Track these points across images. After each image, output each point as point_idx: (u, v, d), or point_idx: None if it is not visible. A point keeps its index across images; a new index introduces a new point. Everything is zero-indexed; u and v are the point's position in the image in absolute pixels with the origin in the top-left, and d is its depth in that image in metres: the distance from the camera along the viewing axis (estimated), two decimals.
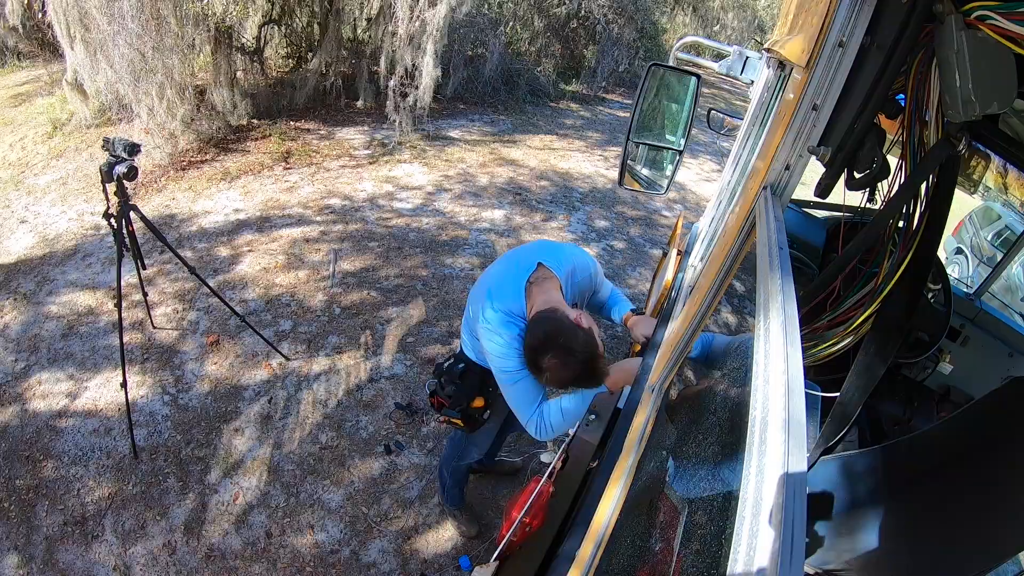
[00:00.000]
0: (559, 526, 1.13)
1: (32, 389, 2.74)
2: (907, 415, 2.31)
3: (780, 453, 0.45)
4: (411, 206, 4.68)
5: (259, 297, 3.43)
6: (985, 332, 2.47)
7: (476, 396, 1.71)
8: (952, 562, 1.05)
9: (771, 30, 9.09)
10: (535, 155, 6.10)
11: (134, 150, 2.18)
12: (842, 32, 0.73)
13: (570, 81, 8.69)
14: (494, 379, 1.67)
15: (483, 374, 1.69)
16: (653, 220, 5.20)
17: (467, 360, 1.72)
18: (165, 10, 4.35)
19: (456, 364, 1.73)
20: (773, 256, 0.68)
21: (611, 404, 1.34)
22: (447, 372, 1.74)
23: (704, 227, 1.98)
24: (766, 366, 0.54)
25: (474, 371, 1.70)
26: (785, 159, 0.84)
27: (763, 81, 1.43)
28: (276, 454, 2.54)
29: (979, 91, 0.60)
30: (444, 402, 1.74)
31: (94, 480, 2.37)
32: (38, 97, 6.02)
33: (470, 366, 1.71)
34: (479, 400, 1.72)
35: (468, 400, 1.71)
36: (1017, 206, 6.06)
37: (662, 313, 1.70)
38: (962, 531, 1.02)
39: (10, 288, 3.37)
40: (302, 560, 2.17)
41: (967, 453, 1.09)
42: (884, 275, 1.00)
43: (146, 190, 4.44)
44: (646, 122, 1.98)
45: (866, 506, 1.18)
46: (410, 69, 5.48)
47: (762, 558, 0.40)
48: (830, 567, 1.19)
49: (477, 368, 1.69)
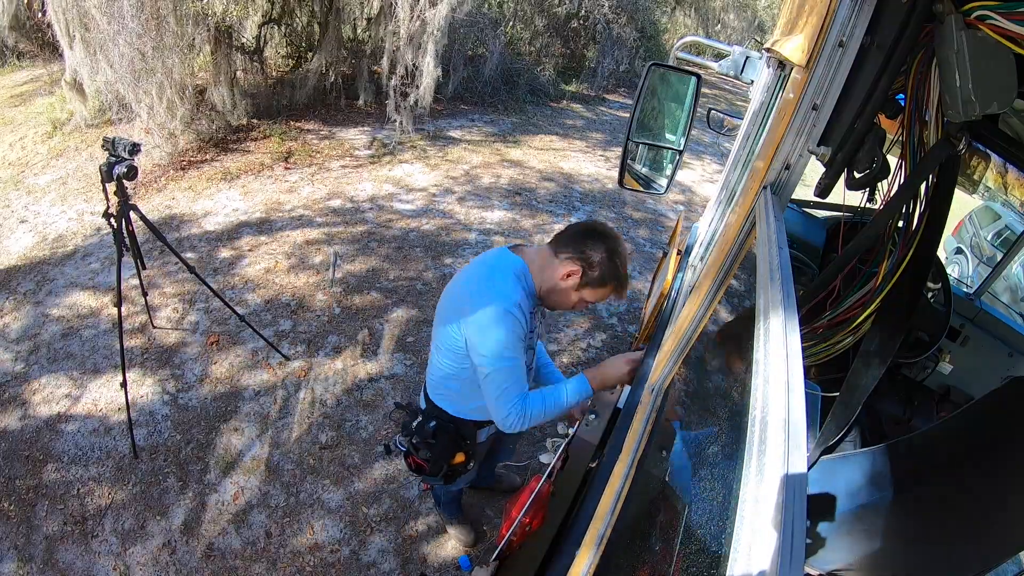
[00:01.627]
0: (559, 526, 1.13)
1: (32, 389, 2.74)
2: (907, 415, 2.31)
3: (780, 453, 0.45)
4: (412, 206, 4.68)
5: (259, 297, 3.43)
6: (985, 332, 2.47)
7: (456, 452, 1.59)
8: (952, 562, 1.05)
9: (771, 30, 9.07)
10: (536, 155, 6.10)
11: (134, 150, 2.17)
12: (842, 32, 0.73)
13: (570, 81, 8.69)
14: (468, 428, 1.57)
15: (456, 426, 1.57)
16: (660, 222, 5.18)
17: (436, 411, 1.57)
18: (165, 9, 4.35)
19: (426, 422, 1.57)
20: (773, 256, 0.68)
21: (611, 404, 1.34)
22: (417, 432, 1.58)
23: (704, 227, 1.98)
24: (766, 366, 0.54)
25: (446, 427, 1.56)
26: (785, 159, 0.84)
27: (763, 81, 1.43)
28: (276, 454, 2.54)
29: (979, 91, 0.60)
30: (422, 464, 1.60)
31: (94, 480, 2.37)
32: (38, 97, 6.03)
33: (440, 421, 1.56)
34: (460, 456, 1.60)
35: (448, 458, 1.59)
36: (1017, 206, 6.07)
37: (661, 315, 1.70)
38: (962, 531, 1.02)
39: (10, 288, 3.37)
40: (302, 560, 2.17)
41: (967, 453, 1.09)
42: (884, 275, 1.00)
43: (146, 190, 4.44)
44: (646, 122, 1.98)
45: (866, 506, 1.18)
46: (411, 69, 5.48)
47: (762, 558, 0.40)
48: (829, 567, 1.19)
49: (447, 418, 1.56)
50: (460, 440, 1.58)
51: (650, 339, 1.64)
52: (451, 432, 1.56)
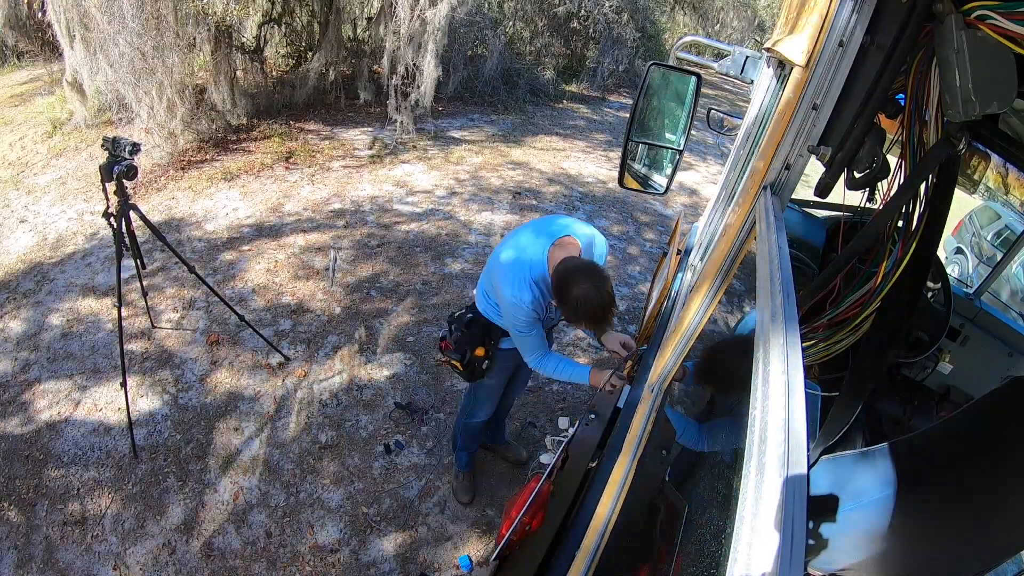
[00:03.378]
0: (559, 526, 1.13)
1: (31, 389, 2.74)
2: (907, 415, 2.31)
3: (780, 453, 0.45)
4: (412, 206, 4.68)
5: (259, 296, 3.43)
6: (985, 332, 2.47)
7: (479, 345, 1.88)
8: (952, 562, 1.05)
9: (771, 30, 9.06)
10: (537, 155, 6.10)
11: (134, 149, 2.17)
12: (842, 32, 0.73)
13: (570, 81, 8.68)
14: (496, 333, 1.90)
15: (488, 326, 1.88)
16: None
17: (476, 312, 1.90)
18: (165, 9, 4.35)
19: (466, 314, 1.92)
20: (773, 256, 0.68)
21: (611, 404, 1.34)
22: (457, 320, 1.93)
23: (704, 227, 1.98)
24: (766, 366, 0.54)
25: (480, 322, 1.88)
26: (785, 159, 0.84)
27: (763, 81, 1.43)
28: (276, 453, 2.54)
29: (979, 91, 0.60)
30: (450, 345, 1.91)
31: (94, 480, 2.37)
32: (38, 96, 6.03)
33: (478, 317, 1.89)
34: (480, 349, 1.89)
35: (471, 347, 1.88)
36: (1017, 206, 6.07)
37: (660, 316, 1.70)
38: (962, 531, 1.02)
39: (10, 287, 3.37)
40: (302, 560, 2.17)
41: (967, 453, 1.09)
42: (884, 274, 1.00)
43: (146, 190, 4.44)
44: (646, 122, 1.98)
45: (865, 506, 1.18)
46: (411, 68, 5.48)
47: (762, 558, 0.40)
48: (829, 568, 1.19)
49: (483, 320, 1.88)
50: (486, 336, 1.89)
51: (650, 339, 1.64)
52: (481, 326, 1.88)
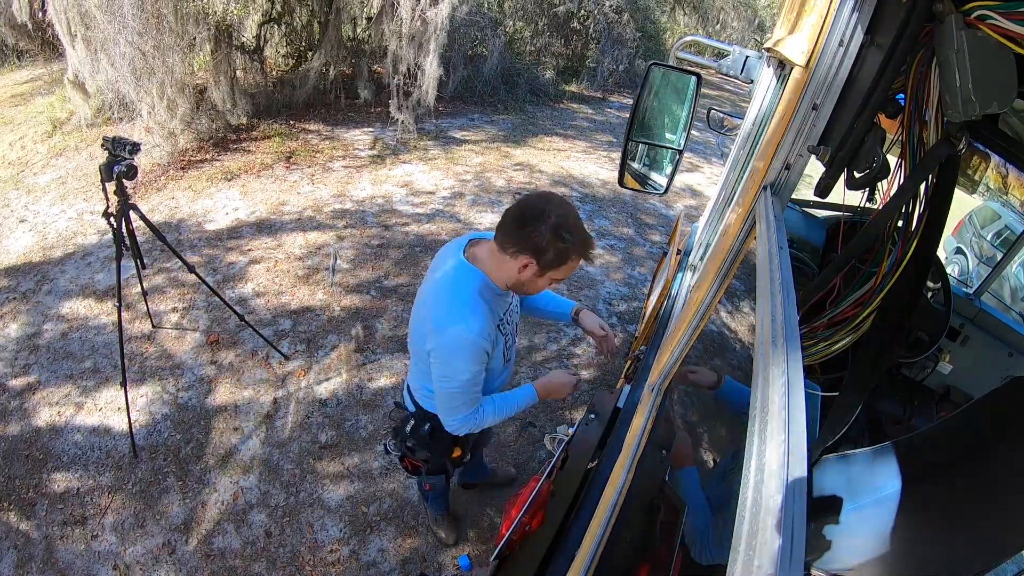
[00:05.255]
0: (559, 526, 1.13)
1: (31, 388, 2.74)
2: (907, 415, 2.31)
3: (780, 453, 0.45)
4: (414, 206, 4.68)
5: (259, 296, 3.43)
6: (985, 332, 2.47)
7: (452, 448, 1.64)
8: (952, 562, 1.05)
9: (771, 30, 9.07)
10: (539, 156, 6.10)
11: (134, 149, 2.17)
12: (842, 32, 0.73)
13: (570, 81, 8.68)
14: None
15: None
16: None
17: (427, 414, 1.57)
18: (165, 9, 4.35)
19: (420, 425, 1.58)
20: (773, 256, 0.68)
21: (611, 404, 1.34)
22: (412, 436, 1.60)
23: (704, 227, 1.98)
24: (766, 366, 0.54)
25: (438, 426, 1.54)
26: (785, 159, 0.84)
27: (763, 81, 1.43)
28: (275, 453, 2.54)
29: (979, 91, 0.60)
30: (419, 465, 1.67)
31: (94, 479, 2.37)
32: (38, 96, 6.03)
33: (435, 423, 1.55)
34: (457, 450, 1.66)
35: (447, 454, 1.64)
36: (1017, 206, 6.07)
37: (660, 315, 1.70)
38: (962, 531, 1.02)
39: (9, 287, 3.37)
40: (302, 559, 2.17)
41: (967, 453, 1.09)
42: (884, 274, 1.00)
43: (146, 189, 4.44)
44: (646, 122, 1.98)
45: (865, 506, 1.18)
46: (412, 68, 5.48)
47: (762, 558, 0.40)
48: (829, 568, 1.19)
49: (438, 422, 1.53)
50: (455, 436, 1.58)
51: (650, 339, 1.64)
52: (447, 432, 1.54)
